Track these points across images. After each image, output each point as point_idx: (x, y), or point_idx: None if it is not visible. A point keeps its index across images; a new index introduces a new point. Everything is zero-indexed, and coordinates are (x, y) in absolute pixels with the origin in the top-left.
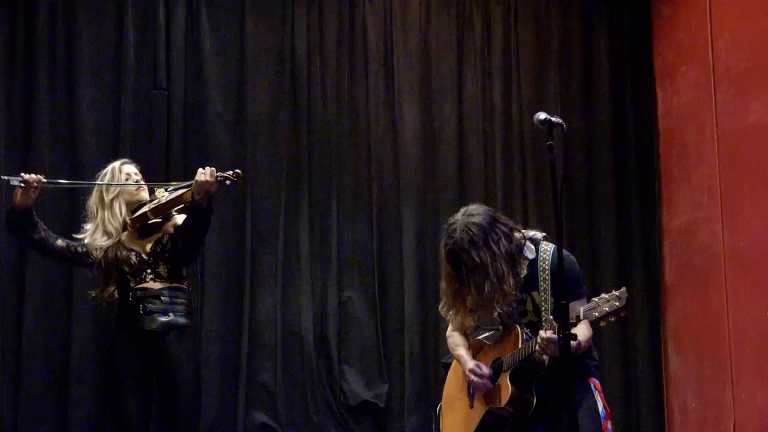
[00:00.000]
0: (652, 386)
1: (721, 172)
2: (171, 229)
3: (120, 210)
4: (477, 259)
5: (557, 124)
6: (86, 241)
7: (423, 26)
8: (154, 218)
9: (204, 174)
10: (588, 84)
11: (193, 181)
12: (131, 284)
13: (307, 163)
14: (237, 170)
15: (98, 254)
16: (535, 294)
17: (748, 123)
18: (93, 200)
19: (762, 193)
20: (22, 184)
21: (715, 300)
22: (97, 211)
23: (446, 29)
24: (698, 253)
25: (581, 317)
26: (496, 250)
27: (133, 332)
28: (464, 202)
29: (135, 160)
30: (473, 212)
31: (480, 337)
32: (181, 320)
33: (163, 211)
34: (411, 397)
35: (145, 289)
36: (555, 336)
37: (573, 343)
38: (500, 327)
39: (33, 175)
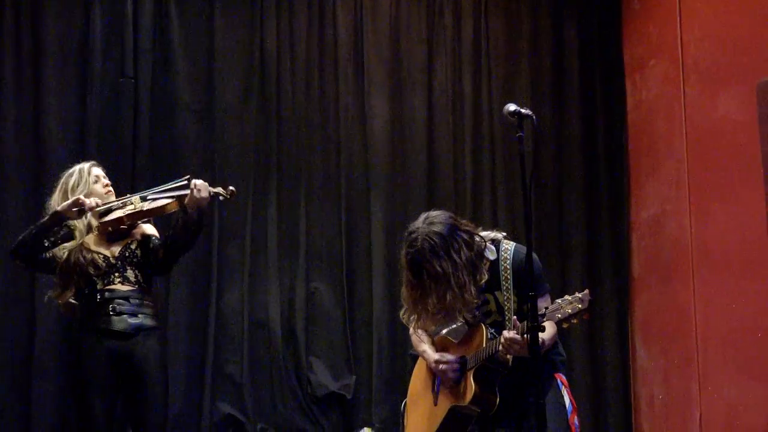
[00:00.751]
0: (619, 379)
1: (689, 165)
2: (138, 236)
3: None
4: (438, 269)
5: (527, 116)
6: (46, 244)
7: (393, 18)
8: (128, 223)
9: (199, 191)
10: (558, 76)
11: (175, 192)
12: (98, 285)
13: (276, 155)
14: (232, 188)
15: (62, 255)
16: (498, 293)
17: (716, 116)
18: (56, 200)
19: (730, 187)
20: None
21: (682, 293)
22: None
23: (416, 21)
24: (666, 245)
25: (545, 318)
26: (457, 259)
27: (101, 333)
28: (433, 194)
29: (101, 149)
30: (434, 220)
31: (444, 332)
32: (150, 322)
33: (140, 219)
34: (379, 388)
35: (113, 290)
36: (518, 336)
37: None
38: (465, 323)
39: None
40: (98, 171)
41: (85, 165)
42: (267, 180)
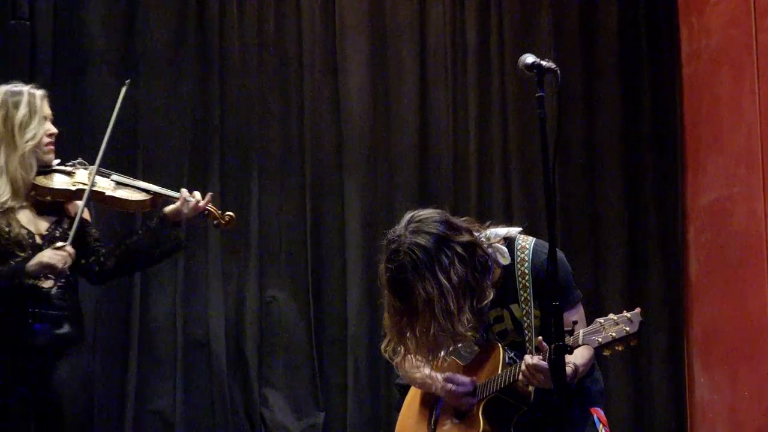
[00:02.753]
0: (671, 416)
1: (763, 135)
2: (72, 214)
3: (32, 165)
4: (421, 293)
5: (549, 70)
6: None
7: None
8: (72, 201)
9: (188, 202)
10: (590, 20)
11: (155, 189)
12: None
13: (219, 122)
14: (230, 213)
15: None
16: (514, 307)
17: None
18: None
19: None
20: None
21: (754, 300)
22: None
23: None
24: (733, 239)
25: (580, 341)
26: (444, 280)
27: (13, 346)
28: (426, 176)
29: None
30: (420, 227)
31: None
32: (75, 333)
33: (92, 202)
34: (356, 429)
35: (34, 287)
36: (544, 363)
37: (568, 369)
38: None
39: None
40: (47, 110)
41: (37, 92)
42: (206, 156)
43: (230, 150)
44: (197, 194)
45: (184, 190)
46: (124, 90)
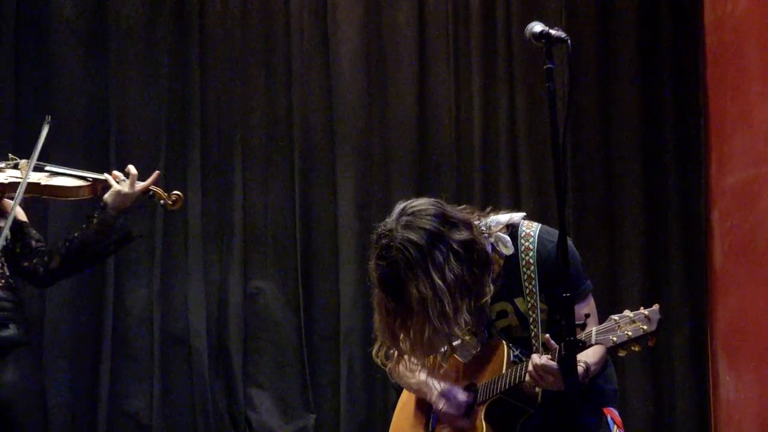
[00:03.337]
0: (694, 417)
1: None
2: (6, 208)
3: None
4: (414, 293)
5: (559, 39)
6: None
7: None
8: (4, 195)
9: (125, 185)
10: None
11: (93, 175)
12: None
13: (199, 95)
14: (177, 192)
15: None
16: (518, 301)
17: None
18: None
19: None
20: None
21: None
22: None
23: None
24: (762, 225)
25: (593, 341)
26: (438, 280)
27: None
28: (425, 155)
29: None
30: (412, 222)
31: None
32: (20, 335)
33: (30, 196)
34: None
35: None
36: (553, 363)
37: (579, 369)
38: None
39: None
40: None
41: None
42: (185, 133)
43: (211, 127)
44: (132, 168)
45: (115, 172)
46: (46, 128)
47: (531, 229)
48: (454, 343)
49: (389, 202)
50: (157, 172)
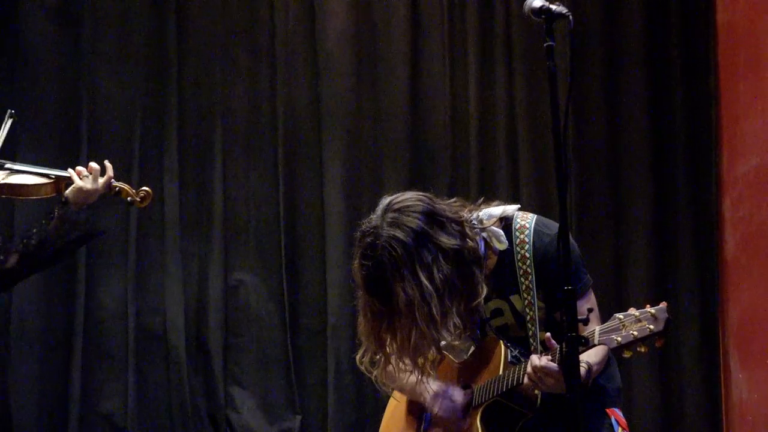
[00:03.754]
0: (705, 418)
1: None
2: None
3: None
4: (401, 294)
5: (560, 14)
6: None
7: None
8: None
9: (88, 181)
10: None
11: (56, 172)
12: None
13: (176, 76)
14: (146, 189)
15: None
16: (514, 298)
17: None
18: None
19: None
20: None
21: None
22: None
23: None
24: None
25: (596, 341)
26: (426, 281)
27: None
28: (418, 140)
29: None
30: (398, 219)
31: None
32: None
33: None
34: None
35: None
36: (554, 365)
37: (581, 369)
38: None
39: None
40: None
41: None
42: (161, 115)
43: (189, 111)
44: (93, 164)
45: (78, 167)
46: (9, 122)
47: (526, 220)
48: (443, 347)
49: (380, 190)
50: (126, 185)
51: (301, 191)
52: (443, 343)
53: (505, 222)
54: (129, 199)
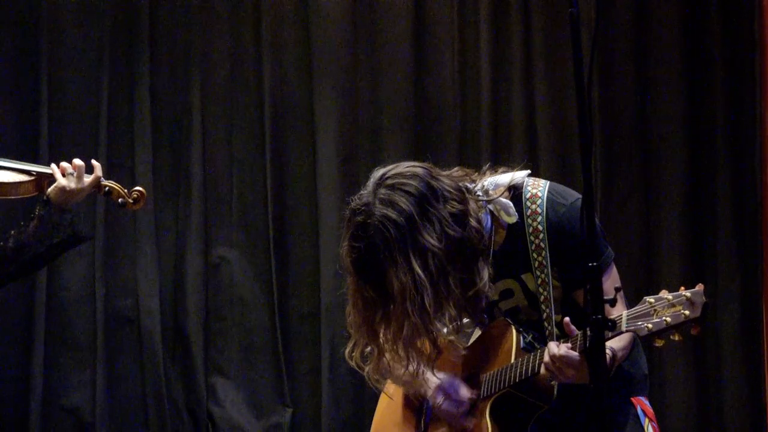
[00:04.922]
0: (746, 413)
1: None
2: None
3: None
4: (394, 281)
5: None
6: None
7: None
8: None
9: (72, 179)
10: None
11: (38, 168)
12: None
13: (148, 24)
14: (139, 188)
15: None
16: (526, 277)
17: None
18: None
19: None
20: None
21: None
22: None
23: None
24: None
25: (623, 328)
26: (419, 268)
27: None
28: (421, 110)
29: None
30: (392, 196)
31: (444, 331)
32: None
33: None
34: (332, 429)
35: None
36: (575, 353)
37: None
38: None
39: None
40: None
41: None
42: (133, 72)
43: (164, 65)
44: (77, 161)
45: (63, 163)
46: None
47: (538, 189)
48: (447, 333)
49: (378, 156)
50: (116, 184)
51: (290, 156)
52: (446, 329)
53: (514, 191)
54: (120, 200)
